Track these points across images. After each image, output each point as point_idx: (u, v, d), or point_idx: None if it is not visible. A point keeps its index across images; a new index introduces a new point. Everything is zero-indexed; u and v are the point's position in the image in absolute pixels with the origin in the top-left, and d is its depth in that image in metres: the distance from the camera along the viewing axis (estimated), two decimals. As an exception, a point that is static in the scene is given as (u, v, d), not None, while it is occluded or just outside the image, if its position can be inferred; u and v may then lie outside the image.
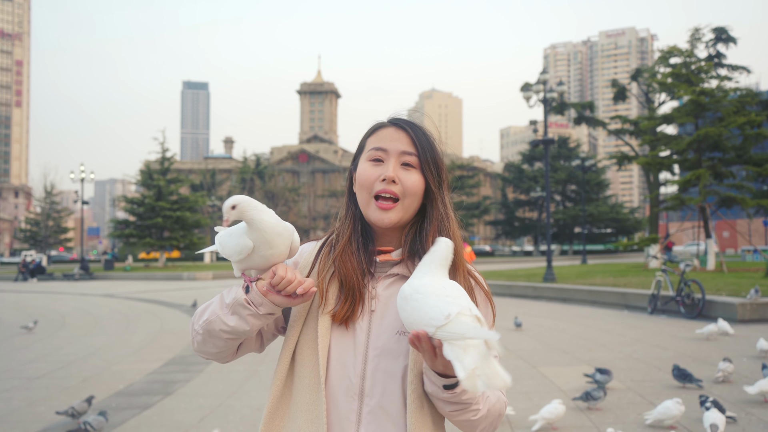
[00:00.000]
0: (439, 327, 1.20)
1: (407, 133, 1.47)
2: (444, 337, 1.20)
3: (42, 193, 67.76)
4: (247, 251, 1.36)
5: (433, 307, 1.23)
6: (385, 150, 1.46)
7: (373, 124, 1.53)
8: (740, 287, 13.44)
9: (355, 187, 1.50)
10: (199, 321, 1.44)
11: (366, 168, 1.47)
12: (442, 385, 1.30)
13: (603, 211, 65.41)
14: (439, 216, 1.47)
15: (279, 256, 1.39)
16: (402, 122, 1.50)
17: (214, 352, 1.47)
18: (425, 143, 1.48)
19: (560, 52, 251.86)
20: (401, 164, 1.46)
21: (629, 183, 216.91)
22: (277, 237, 1.37)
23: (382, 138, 1.48)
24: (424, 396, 1.37)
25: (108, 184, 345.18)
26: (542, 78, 22.55)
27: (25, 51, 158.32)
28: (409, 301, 1.26)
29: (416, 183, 1.45)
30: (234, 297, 1.38)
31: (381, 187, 1.43)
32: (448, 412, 1.35)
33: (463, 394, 1.30)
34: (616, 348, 8.85)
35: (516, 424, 5.27)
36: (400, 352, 1.40)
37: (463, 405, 1.32)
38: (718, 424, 4.44)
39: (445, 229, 1.47)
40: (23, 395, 6.73)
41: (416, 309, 1.24)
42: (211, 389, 6.85)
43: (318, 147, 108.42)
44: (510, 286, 18.93)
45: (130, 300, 19.39)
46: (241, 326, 1.37)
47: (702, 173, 23.11)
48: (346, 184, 1.57)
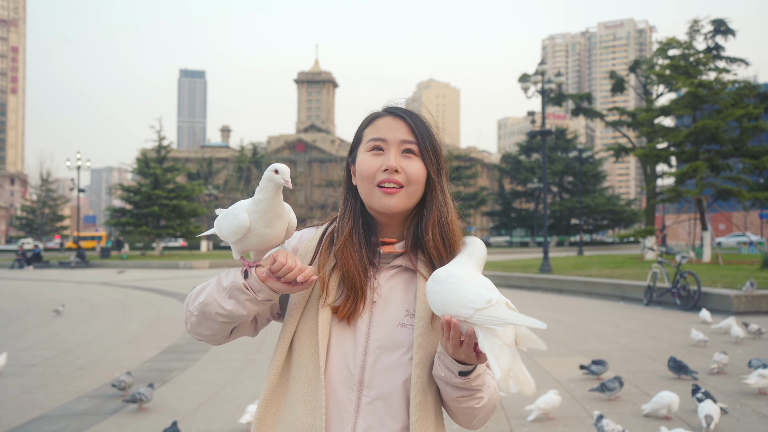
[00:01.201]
0: (479, 310, 1.19)
1: (405, 122, 1.46)
2: (484, 322, 1.19)
3: (38, 181, 67.63)
4: (244, 230, 1.35)
5: (474, 291, 1.23)
6: (385, 140, 1.44)
7: (369, 114, 1.51)
8: (736, 279, 13.48)
9: (356, 178, 1.48)
10: (195, 302, 1.42)
11: (366, 159, 1.44)
12: (458, 372, 1.30)
13: (600, 202, 65.43)
14: (438, 204, 1.46)
15: (275, 237, 1.37)
16: (399, 110, 1.48)
17: (207, 334, 1.45)
18: (424, 131, 1.46)
19: (558, 43, 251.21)
20: (402, 152, 1.44)
21: (626, 175, 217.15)
22: (278, 218, 1.37)
23: (380, 128, 1.46)
24: (428, 389, 1.37)
25: (104, 172, 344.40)
26: (540, 69, 22.50)
27: (20, 37, 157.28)
28: (444, 284, 1.25)
29: (419, 170, 1.44)
30: (232, 281, 1.37)
31: (384, 177, 1.42)
32: (455, 397, 1.34)
33: (475, 380, 1.31)
34: (612, 339, 8.88)
35: (512, 414, 5.29)
36: (402, 343, 1.40)
37: (471, 391, 1.33)
38: (712, 415, 4.46)
39: (444, 217, 1.45)
40: (19, 382, 6.73)
41: (453, 291, 1.24)
42: (207, 377, 6.86)
43: (315, 136, 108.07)
44: (506, 276, 18.97)
45: (126, 288, 19.37)
46: (238, 311, 1.36)
47: (699, 165, 23.12)
48: (343, 177, 1.55)
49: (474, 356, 1.26)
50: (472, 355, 1.25)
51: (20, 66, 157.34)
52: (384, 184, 1.41)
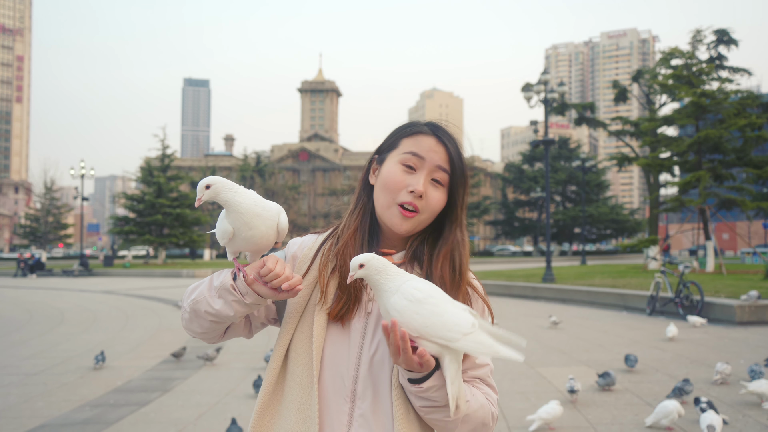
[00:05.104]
0: (466, 335, 1.19)
1: (446, 149, 1.45)
2: (470, 350, 1.19)
3: (42, 189, 67.74)
4: (228, 235, 1.36)
5: (458, 314, 1.21)
6: (422, 159, 1.43)
7: (412, 124, 1.49)
8: (739, 289, 13.43)
9: (377, 182, 1.47)
10: (188, 299, 1.43)
11: (396, 171, 1.43)
12: (408, 378, 1.29)
13: (603, 212, 65.37)
14: (456, 240, 1.46)
15: (262, 237, 1.37)
16: (443, 135, 1.46)
17: (200, 332, 1.46)
18: (459, 163, 1.45)
19: (562, 53, 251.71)
20: (431, 179, 1.43)
21: (629, 184, 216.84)
22: (256, 218, 1.35)
23: (421, 146, 1.44)
24: (410, 402, 1.35)
25: (108, 180, 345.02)
26: (543, 78, 22.53)
27: (26, 46, 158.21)
28: (425, 305, 1.22)
29: (439, 201, 1.44)
30: (221, 281, 1.37)
31: (407, 199, 1.41)
32: (419, 407, 1.32)
33: (432, 391, 1.27)
34: (615, 349, 8.84)
35: (513, 423, 5.27)
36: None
37: (432, 402, 1.29)
38: (715, 425, 4.44)
39: (458, 252, 1.45)
40: (21, 391, 6.73)
41: (436, 314, 1.22)
42: (208, 387, 6.85)
43: (318, 145, 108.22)
44: (509, 286, 18.93)
45: (129, 297, 19.38)
46: (226, 311, 1.37)
47: (702, 175, 23.10)
48: (362, 173, 1.54)
49: (415, 364, 1.23)
50: (413, 363, 1.23)
51: (25, 75, 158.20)
52: (405, 206, 1.41)
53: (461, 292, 1.43)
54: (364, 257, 1.28)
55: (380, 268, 1.28)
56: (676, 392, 5.68)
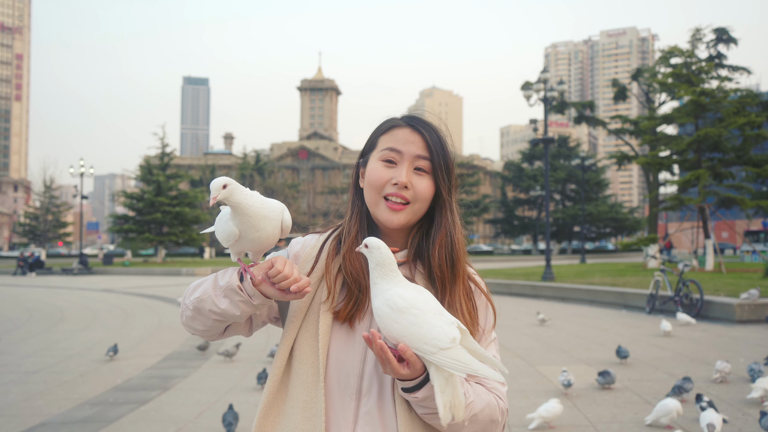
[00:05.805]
0: (443, 350, 1.18)
1: (422, 137, 1.45)
2: (447, 365, 1.18)
3: (41, 188, 67.75)
4: (234, 237, 1.36)
5: (437, 327, 1.20)
6: (400, 152, 1.43)
7: (387, 120, 1.50)
8: (739, 288, 13.44)
9: (364, 184, 1.48)
10: (191, 297, 1.43)
11: (378, 168, 1.44)
12: (401, 387, 1.29)
13: (602, 210, 65.34)
14: (447, 224, 1.46)
15: (268, 237, 1.38)
16: (418, 124, 1.46)
17: (201, 330, 1.46)
18: (439, 148, 1.45)
19: (561, 51, 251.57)
20: (414, 168, 1.44)
21: (629, 183, 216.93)
22: (263, 220, 1.36)
23: (397, 139, 1.45)
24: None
25: (107, 179, 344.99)
26: (543, 77, 22.52)
27: (25, 45, 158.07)
28: (405, 315, 1.22)
29: (427, 188, 1.44)
30: (228, 281, 1.37)
31: (392, 191, 1.42)
32: (421, 414, 1.31)
33: (427, 401, 1.27)
34: (614, 347, 8.83)
35: (513, 422, 5.27)
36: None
37: (432, 410, 1.28)
38: (715, 424, 4.44)
39: (451, 237, 1.45)
40: (21, 389, 6.73)
41: (416, 325, 1.21)
42: (208, 385, 6.85)
43: (318, 144, 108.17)
44: (509, 284, 18.93)
45: (128, 295, 19.39)
46: (232, 311, 1.37)
47: (701, 174, 23.11)
48: (351, 178, 1.55)
49: (402, 372, 1.24)
50: (399, 371, 1.23)
51: (24, 73, 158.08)
52: (391, 198, 1.42)
53: (460, 280, 1.44)
54: (373, 241, 1.28)
55: (382, 261, 1.28)
56: (676, 391, 5.69)
